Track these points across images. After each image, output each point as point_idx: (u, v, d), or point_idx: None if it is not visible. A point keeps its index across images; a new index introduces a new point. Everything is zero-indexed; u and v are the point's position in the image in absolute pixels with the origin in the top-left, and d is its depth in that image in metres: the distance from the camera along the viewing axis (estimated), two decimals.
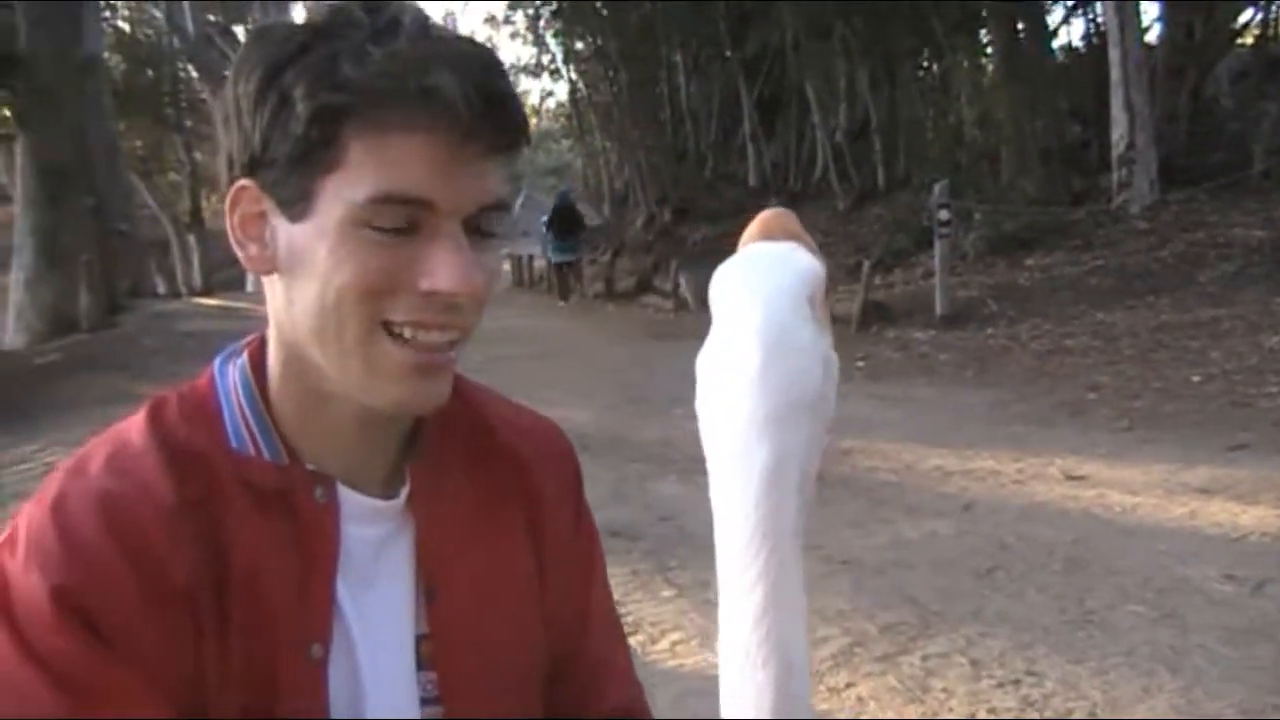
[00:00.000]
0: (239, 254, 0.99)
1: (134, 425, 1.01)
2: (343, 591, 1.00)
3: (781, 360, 0.73)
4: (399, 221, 0.90)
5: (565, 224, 21.67)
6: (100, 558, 0.90)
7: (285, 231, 0.94)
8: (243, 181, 0.95)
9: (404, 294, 0.91)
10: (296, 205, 0.92)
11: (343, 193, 0.90)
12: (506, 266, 30.22)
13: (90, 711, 0.87)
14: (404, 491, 1.06)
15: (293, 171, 0.91)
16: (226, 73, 0.97)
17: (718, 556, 0.74)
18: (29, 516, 0.94)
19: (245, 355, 1.05)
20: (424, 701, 1.05)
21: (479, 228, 0.94)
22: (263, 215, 0.96)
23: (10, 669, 0.88)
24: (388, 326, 0.93)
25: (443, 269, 0.90)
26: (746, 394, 0.73)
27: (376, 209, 0.89)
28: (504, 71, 0.94)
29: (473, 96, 0.88)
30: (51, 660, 0.87)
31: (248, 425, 1.01)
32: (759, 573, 0.71)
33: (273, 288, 0.98)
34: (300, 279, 0.94)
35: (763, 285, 0.77)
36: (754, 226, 0.87)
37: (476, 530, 1.10)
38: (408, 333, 0.93)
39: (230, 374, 1.04)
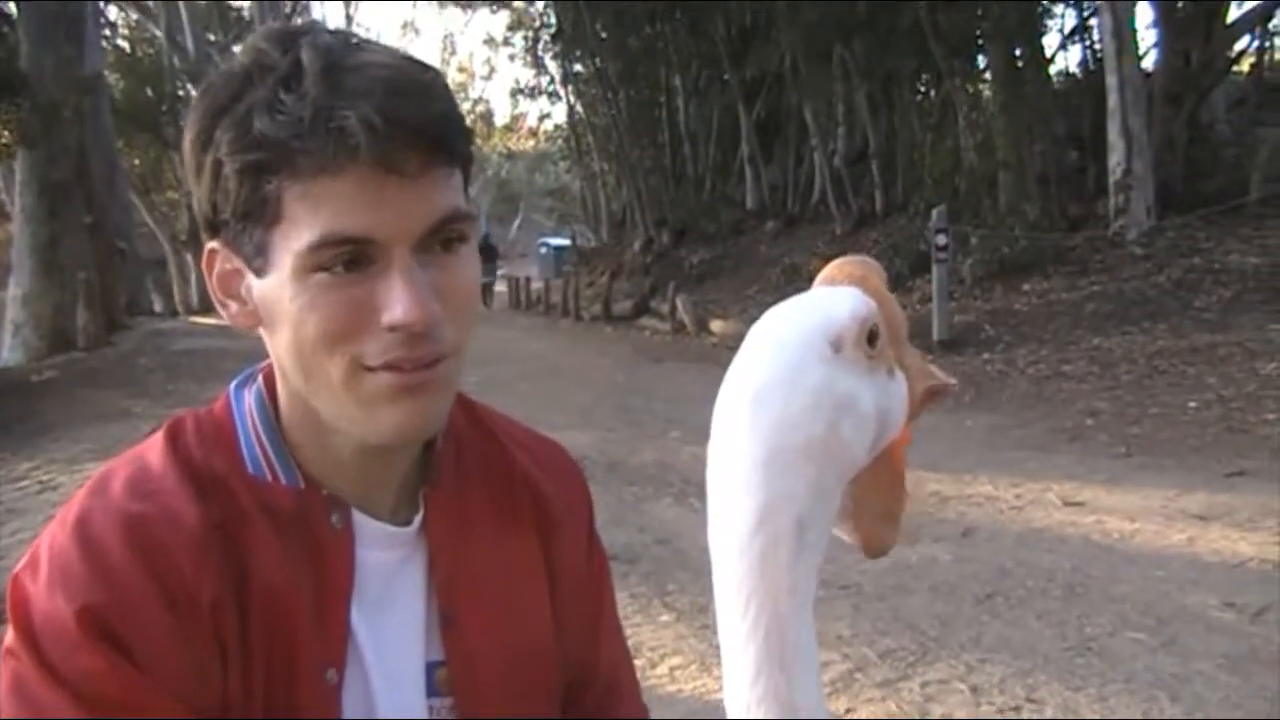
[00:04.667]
0: (223, 314, 0.99)
1: (152, 447, 1.01)
2: (357, 617, 1.00)
3: (775, 403, 0.70)
4: (345, 261, 0.89)
5: (482, 253, 27.33)
6: (126, 578, 0.90)
7: (257, 287, 0.94)
8: (211, 244, 0.96)
9: (371, 332, 0.90)
10: (256, 261, 0.93)
11: (289, 244, 0.89)
12: (502, 288, 30.26)
13: None
14: (418, 517, 1.06)
15: (243, 230, 0.91)
16: None
17: (717, 608, 0.71)
18: (51, 538, 0.94)
19: (260, 381, 1.04)
20: None
21: (440, 243, 0.93)
22: (238, 272, 0.96)
23: (35, 693, 0.88)
24: (365, 369, 0.92)
25: (397, 304, 0.89)
26: (737, 438, 0.70)
27: (318, 254, 0.88)
28: (424, 88, 0.91)
29: (381, 128, 0.85)
30: (77, 682, 0.87)
31: (264, 451, 1.01)
32: (750, 628, 0.68)
33: (265, 338, 0.98)
34: (278, 331, 0.94)
35: (776, 328, 0.74)
36: (821, 275, 0.84)
37: (491, 555, 1.09)
38: (384, 374, 0.92)
39: (246, 399, 1.04)
